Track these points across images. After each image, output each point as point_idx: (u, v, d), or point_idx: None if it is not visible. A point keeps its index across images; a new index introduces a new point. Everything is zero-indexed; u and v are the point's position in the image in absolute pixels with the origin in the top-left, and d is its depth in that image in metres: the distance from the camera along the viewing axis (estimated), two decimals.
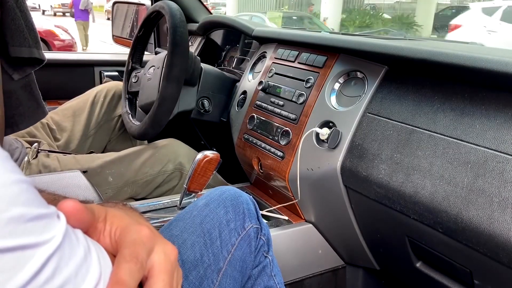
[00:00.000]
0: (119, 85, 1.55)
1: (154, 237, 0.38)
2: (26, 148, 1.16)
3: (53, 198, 0.48)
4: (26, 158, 1.12)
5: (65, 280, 0.28)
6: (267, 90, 1.19)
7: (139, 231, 0.37)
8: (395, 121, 0.84)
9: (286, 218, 1.10)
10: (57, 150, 1.28)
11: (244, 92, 1.31)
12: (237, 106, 1.32)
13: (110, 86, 1.53)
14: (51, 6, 20.33)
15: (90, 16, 10.51)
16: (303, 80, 1.09)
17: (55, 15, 20.22)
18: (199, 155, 0.93)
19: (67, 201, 0.33)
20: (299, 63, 1.15)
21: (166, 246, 0.38)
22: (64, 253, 0.29)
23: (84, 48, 9.87)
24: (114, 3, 2.09)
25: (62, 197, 0.49)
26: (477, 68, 0.71)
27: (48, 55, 2.35)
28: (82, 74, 1.83)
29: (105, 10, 20.05)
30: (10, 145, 1.11)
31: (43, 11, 20.88)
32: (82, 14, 9.95)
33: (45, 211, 0.29)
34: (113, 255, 0.36)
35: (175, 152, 1.29)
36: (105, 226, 0.37)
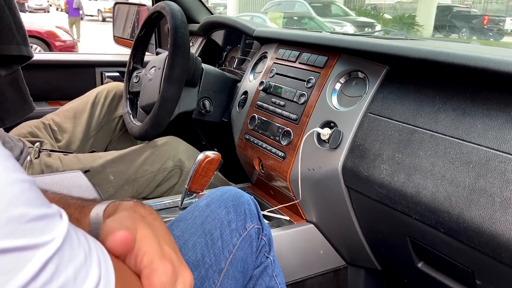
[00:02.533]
0: (119, 85, 1.55)
1: (176, 271, 0.41)
2: (29, 147, 1.16)
3: (58, 198, 0.48)
4: (28, 158, 1.12)
5: (63, 283, 0.27)
6: (268, 90, 1.19)
7: (165, 270, 0.39)
8: (396, 121, 0.84)
9: (288, 218, 1.10)
10: (59, 150, 1.28)
11: (245, 93, 1.31)
12: (238, 106, 1.32)
13: (111, 87, 1.53)
14: (99, 10, 18.53)
15: (81, 12, 12.51)
16: (304, 80, 1.09)
17: (104, 20, 17.86)
18: (200, 156, 0.92)
19: (118, 233, 0.37)
20: (300, 63, 1.15)
21: (185, 276, 0.42)
22: (64, 255, 0.28)
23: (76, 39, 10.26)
24: (115, 3, 2.09)
25: (69, 197, 0.49)
26: (479, 68, 0.71)
27: (49, 56, 2.34)
28: (83, 75, 1.83)
29: (97, 9, 19.34)
30: (11, 143, 1.11)
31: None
32: (74, 12, 11.60)
33: (46, 211, 0.28)
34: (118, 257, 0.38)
35: (174, 149, 1.30)
36: (133, 245, 0.39)
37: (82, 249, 0.30)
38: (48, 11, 20.41)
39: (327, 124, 0.99)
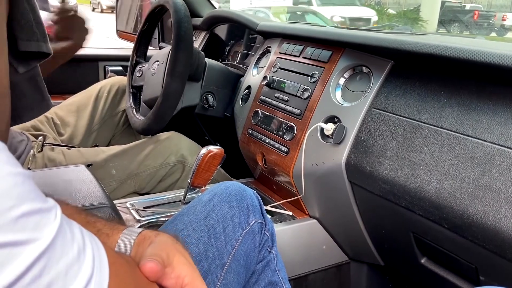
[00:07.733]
0: (123, 80, 1.54)
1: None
2: (32, 141, 1.16)
3: (84, 214, 0.49)
4: (31, 152, 1.12)
5: (52, 279, 0.27)
6: (271, 85, 1.19)
7: (203, 285, 0.47)
8: (400, 116, 0.83)
9: (290, 213, 1.10)
10: (62, 144, 1.29)
11: (249, 87, 1.31)
12: (242, 101, 1.32)
13: (114, 81, 1.53)
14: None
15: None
16: (308, 75, 1.08)
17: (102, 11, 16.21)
18: (203, 150, 0.92)
19: (147, 265, 0.41)
20: (304, 57, 1.14)
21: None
22: (55, 251, 0.28)
23: None
24: None
25: (94, 215, 0.51)
26: (485, 63, 0.70)
27: None
28: (86, 69, 1.83)
29: (91, 2, 18.20)
30: (14, 137, 1.11)
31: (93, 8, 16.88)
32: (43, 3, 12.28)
33: (39, 206, 0.28)
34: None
35: (176, 144, 1.30)
36: (173, 271, 0.45)
37: (75, 244, 0.30)
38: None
39: (331, 119, 0.98)
